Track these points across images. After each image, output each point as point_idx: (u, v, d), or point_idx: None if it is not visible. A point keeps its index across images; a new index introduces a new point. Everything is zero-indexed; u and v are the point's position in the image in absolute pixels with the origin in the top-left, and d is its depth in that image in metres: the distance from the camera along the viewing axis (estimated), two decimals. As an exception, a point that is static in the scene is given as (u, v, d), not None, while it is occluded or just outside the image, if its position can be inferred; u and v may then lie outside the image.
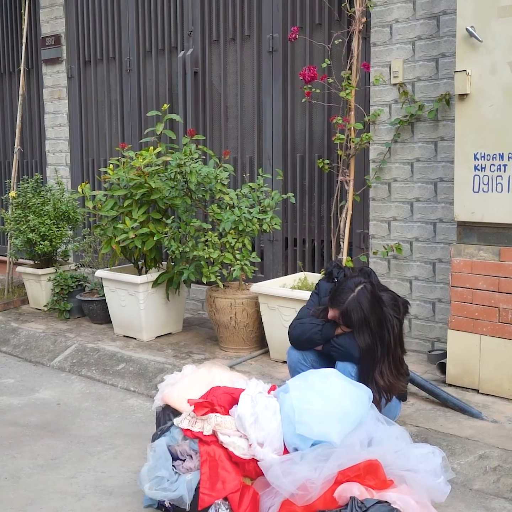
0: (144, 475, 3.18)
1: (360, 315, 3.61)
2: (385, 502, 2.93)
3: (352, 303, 3.62)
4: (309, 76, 5.10)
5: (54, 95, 7.97)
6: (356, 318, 3.61)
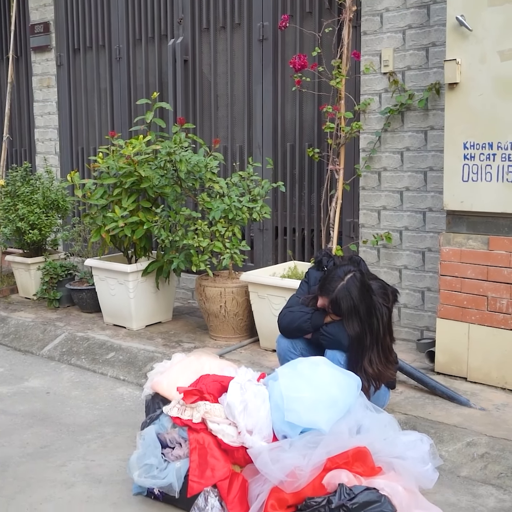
0: (133, 463, 3.18)
1: (349, 303, 3.61)
2: (373, 489, 2.95)
3: (341, 292, 3.63)
4: (299, 64, 5.09)
5: (43, 83, 7.93)
6: (345, 306, 3.62)
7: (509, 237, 4.24)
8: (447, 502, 3.25)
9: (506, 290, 4.26)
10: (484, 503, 3.25)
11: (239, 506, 3.04)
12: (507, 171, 4.16)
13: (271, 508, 2.91)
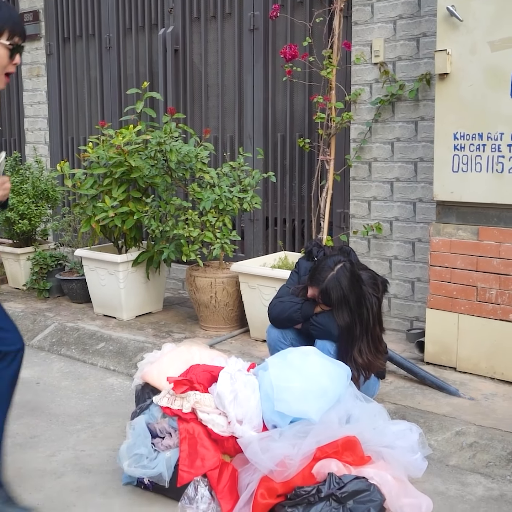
0: (123, 453, 3.18)
1: (339, 293, 3.62)
2: (362, 478, 2.96)
3: (331, 282, 3.63)
4: (290, 54, 5.07)
5: (33, 72, 7.89)
6: (335, 296, 3.62)
7: (499, 227, 4.26)
8: (436, 491, 3.27)
9: (495, 280, 4.27)
10: (472, 492, 3.27)
11: (229, 495, 3.05)
12: (497, 161, 4.17)
13: (261, 497, 2.92)
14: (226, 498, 3.04)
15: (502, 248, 4.24)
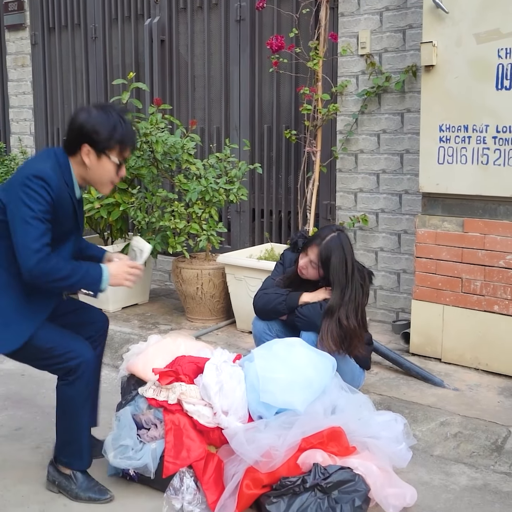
0: (108, 444, 3.18)
1: (340, 253, 3.63)
2: (347, 468, 2.98)
3: (333, 241, 3.66)
4: (276, 45, 5.06)
5: (18, 62, 7.83)
6: (336, 255, 3.62)
7: (484, 219, 4.28)
8: (421, 481, 3.30)
9: (480, 272, 4.30)
10: (456, 481, 3.30)
11: (215, 486, 3.06)
12: (482, 153, 4.19)
13: (246, 487, 2.93)
14: (211, 489, 3.05)
15: (487, 240, 4.26)
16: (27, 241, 2.80)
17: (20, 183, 2.84)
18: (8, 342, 2.98)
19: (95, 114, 2.91)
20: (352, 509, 2.82)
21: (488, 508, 3.08)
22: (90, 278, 2.99)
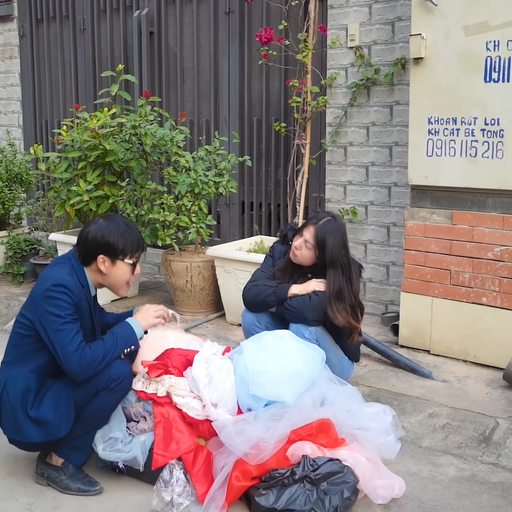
0: (97, 437, 3.17)
1: (338, 233, 3.67)
2: (336, 460, 3.00)
3: (330, 222, 3.70)
4: (265, 37, 5.05)
5: (6, 53, 7.79)
6: (334, 237, 3.67)
7: (472, 211, 4.29)
8: (409, 472, 3.31)
9: (468, 264, 4.31)
10: (444, 472, 3.32)
11: (204, 478, 3.07)
12: (470, 146, 4.20)
13: (236, 479, 2.94)
14: (201, 481, 3.06)
15: (475, 232, 4.28)
16: (63, 348, 2.95)
17: (42, 296, 3.00)
18: (63, 425, 3.05)
19: (104, 225, 3.13)
20: (341, 501, 2.84)
21: (476, 499, 3.10)
22: (124, 338, 3.14)
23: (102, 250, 3.12)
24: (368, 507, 3.00)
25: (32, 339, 3.07)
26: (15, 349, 3.13)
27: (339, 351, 3.78)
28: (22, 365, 3.08)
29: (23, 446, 3.17)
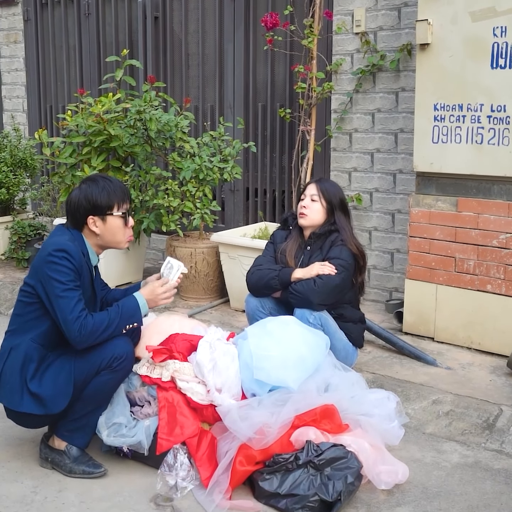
0: (101, 423, 3.18)
1: (337, 186, 3.93)
2: (340, 445, 3.00)
3: (326, 179, 4.08)
4: (270, 23, 5.02)
5: (10, 38, 7.76)
6: (335, 186, 3.94)
7: (478, 198, 4.28)
8: (412, 458, 3.32)
9: (473, 251, 4.31)
10: (448, 459, 3.33)
11: (208, 463, 3.08)
12: (476, 133, 4.18)
13: (240, 464, 2.95)
14: (205, 466, 3.07)
15: (480, 219, 4.26)
16: (64, 315, 2.98)
17: (44, 261, 3.02)
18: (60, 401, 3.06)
19: (84, 188, 3.15)
20: (344, 486, 2.85)
21: (479, 485, 3.10)
22: (129, 313, 3.14)
23: (89, 211, 3.13)
24: (372, 492, 3.01)
25: (35, 307, 3.10)
26: (18, 318, 3.15)
27: (344, 337, 3.78)
28: (25, 333, 3.10)
29: (19, 419, 3.17)
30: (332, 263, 3.69)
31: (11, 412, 3.15)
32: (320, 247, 3.81)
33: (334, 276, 3.66)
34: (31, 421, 3.17)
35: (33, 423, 3.21)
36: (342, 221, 3.84)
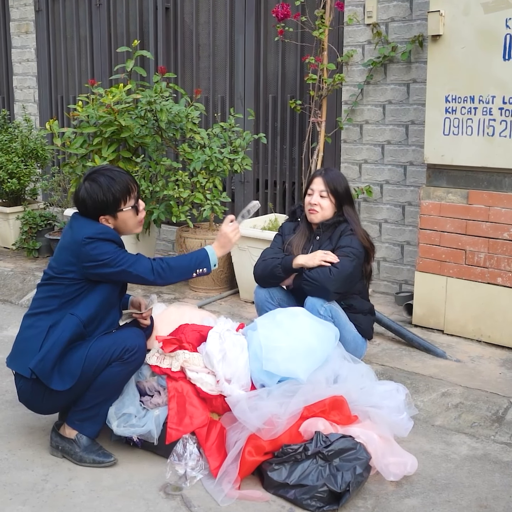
0: (111, 413, 3.19)
1: (345, 183, 3.94)
2: (349, 437, 3.01)
3: (330, 169, 4.03)
4: (282, 14, 5.01)
5: (21, 29, 7.77)
6: (342, 176, 3.98)
7: (488, 191, 4.26)
8: (421, 450, 3.32)
9: (484, 244, 4.29)
10: (457, 451, 3.33)
11: (217, 452, 3.09)
12: (488, 125, 4.16)
13: (248, 454, 2.96)
14: (214, 455, 3.08)
15: (491, 212, 4.25)
16: (139, 276, 3.16)
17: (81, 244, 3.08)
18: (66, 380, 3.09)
19: (88, 189, 3.15)
20: (353, 477, 2.85)
21: (488, 477, 3.10)
22: (199, 259, 3.35)
23: (98, 212, 3.17)
24: (380, 484, 3.02)
25: (79, 285, 3.13)
26: (56, 299, 3.14)
27: (353, 329, 3.78)
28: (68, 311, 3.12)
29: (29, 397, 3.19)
30: (344, 252, 3.69)
31: (24, 387, 3.17)
32: (329, 237, 3.81)
33: (347, 264, 3.65)
34: (40, 400, 3.17)
35: (42, 404, 3.20)
36: (350, 212, 3.86)
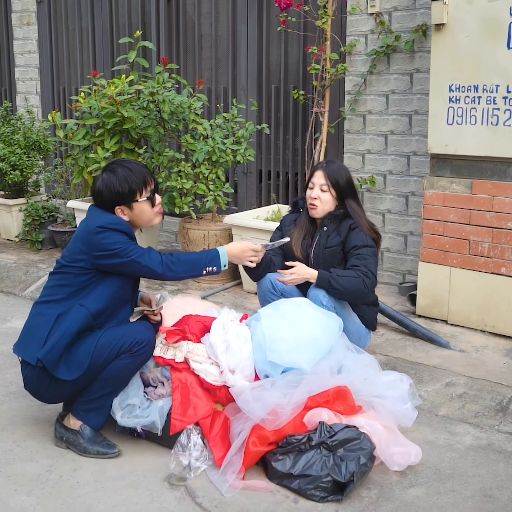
0: (115, 405, 3.19)
1: (347, 175, 3.86)
2: (353, 427, 3.01)
3: (333, 161, 4.04)
4: (284, 3, 4.99)
5: (23, 20, 7.74)
6: (344, 169, 3.90)
7: (492, 181, 4.25)
8: (425, 440, 3.32)
9: (488, 234, 4.28)
10: (461, 441, 3.33)
11: (221, 443, 3.09)
12: (492, 114, 4.14)
13: (253, 445, 2.96)
14: (218, 446, 3.08)
15: (495, 202, 4.24)
16: (147, 267, 3.14)
17: (92, 233, 3.10)
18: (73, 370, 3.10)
19: (106, 179, 3.17)
20: (357, 467, 2.85)
21: (492, 467, 3.10)
22: (208, 258, 3.28)
23: (114, 202, 3.18)
24: (385, 473, 3.02)
25: (90, 276, 3.14)
26: (66, 288, 3.16)
27: (357, 319, 3.78)
28: (77, 301, 3.14)
29: (35, 385, 3.20)
30: (365, 252, 3.68)
31: (30, 374, 3.17)
32: (335, 229, 3.79)
33: (373, 269, 3.66)
34: (46, 389, 3.17)
35: (48, 392, 3.20)
36: (354, 206, 3.81)
